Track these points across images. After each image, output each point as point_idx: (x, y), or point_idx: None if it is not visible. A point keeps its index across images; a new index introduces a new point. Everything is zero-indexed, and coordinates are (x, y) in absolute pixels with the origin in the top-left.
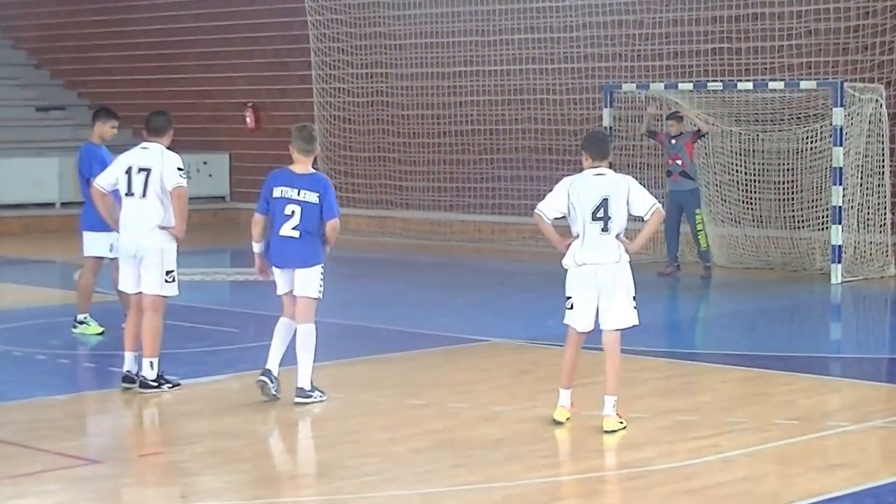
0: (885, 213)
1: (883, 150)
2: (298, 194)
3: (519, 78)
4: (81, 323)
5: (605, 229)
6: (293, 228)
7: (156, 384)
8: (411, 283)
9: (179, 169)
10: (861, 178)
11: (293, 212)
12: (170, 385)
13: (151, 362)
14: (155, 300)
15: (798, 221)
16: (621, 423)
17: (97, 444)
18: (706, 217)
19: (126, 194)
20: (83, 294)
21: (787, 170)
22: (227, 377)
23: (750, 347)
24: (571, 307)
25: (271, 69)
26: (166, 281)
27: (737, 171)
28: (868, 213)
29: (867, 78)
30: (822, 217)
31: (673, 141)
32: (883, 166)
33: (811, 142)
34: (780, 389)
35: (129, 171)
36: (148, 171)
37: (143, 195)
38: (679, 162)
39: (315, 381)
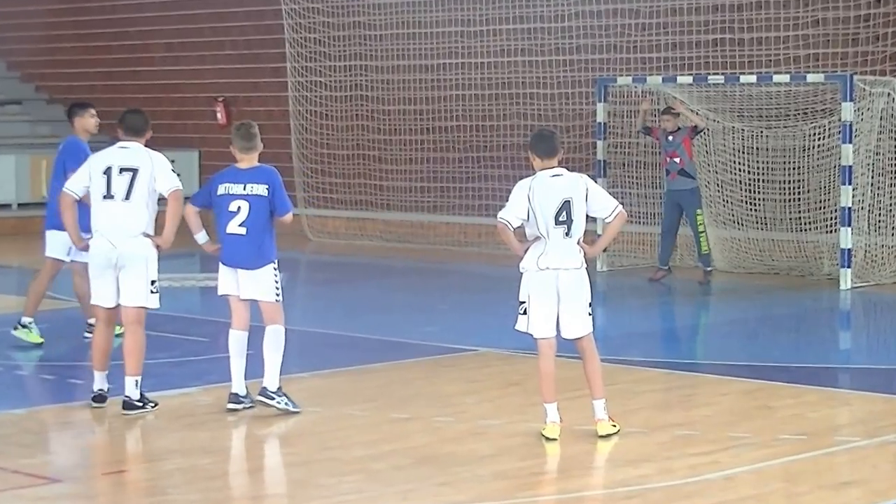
0: None
1: (895, 147)
2: (245, 188)
3: (507, 71)
4: (24, 327)
5: (567, 233)
6: (240, 225)
7: (140, 405)
8: (392, 289)
9: (172, 170)
10: (872, 177)
11: (239, 208)
12: (153, 405)
13: (136, 381)
14: (139, 312)
15: (805, 223)
16: (615, 426)
17: (57, 461)
18: (708, 219)
19: (104, 197)
20: (34, 296)
21: (793, 169)
22: (196, 390)
23: (753, 357)
24: (525, 312)
25: (243, 61)
26: (151, 292)
27: (739, 170)
28: (879, 215)
29: (878, 70)
30: (831, 219)
31: (670, 137)
32: (895, 165)
33: (818, 139)
34: (785, 402)
35: (108, 172)
36: (134, 171)
37: (127, 198)
38: (677, 160)
39: (290, 393)
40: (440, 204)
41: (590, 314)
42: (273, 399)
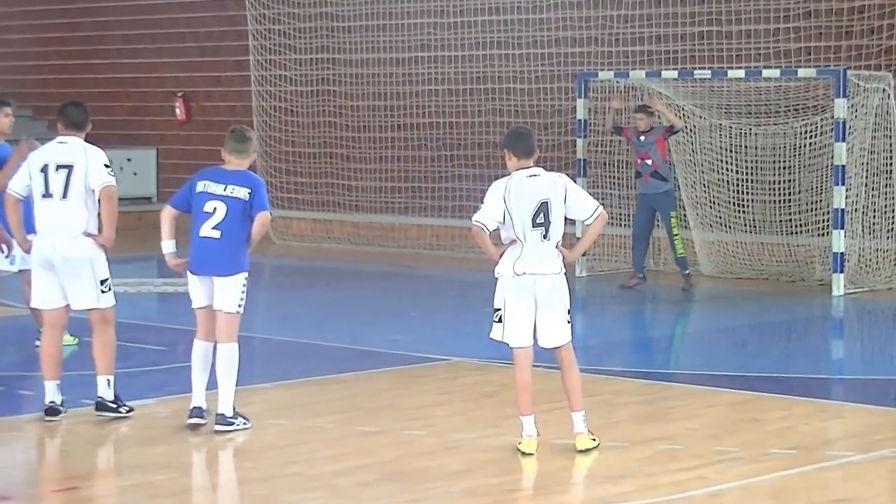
0: (892, 217)
1: (891, 145)
2: (225, 189)
3: (482, 64)
4: None
5: (545, 236)
6: (214, 228)
7: (114, 405)
8: (361, 295)
9: (106, 166)
10: (866, 177)
11: (215, 209)
12: (127, 409)
13: (108, 380)
14: (103, 313)
15: (795, 226)
16: (594, 440)
17: (5, 477)
18: (693, 221)
19: (43, 196)
20: None
21: (784, 168)
22: (153, 401)
23: (741, 367)
24: (500, 320)
25: (203, 54)
26: (102, 291)
27: (727, 169)
28: (874, 217)
29: (873, 65)
30: (823, 221)
31: (641, 138)
32: (890, 164)
33: (810, 137)
34: (775, 415)
35: (45, 170)
36: (69, 168)
37: (64, 196)
38: (649, 161)
39: (250, 405)
40: (412, 205)
41: (569, 322)
42: (231, 424)
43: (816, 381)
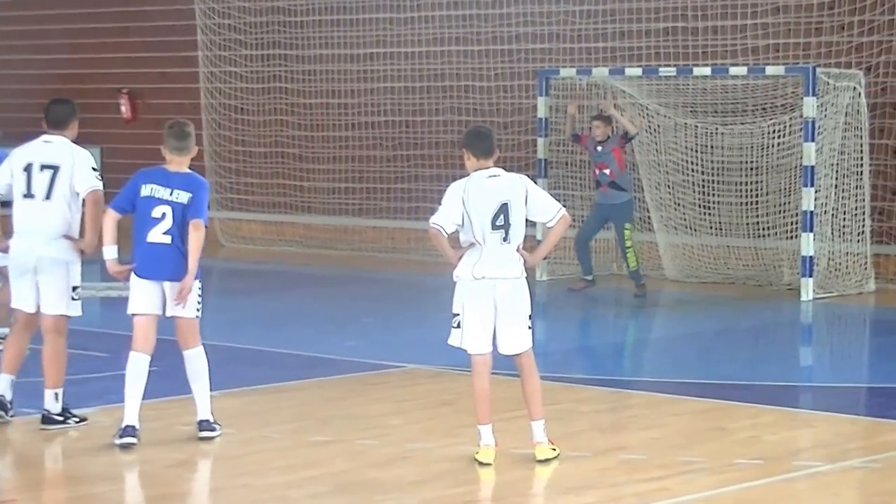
0: (863, 220)
1: (861, 146)
2: (171, 194)
3: (440, 61)
4: None
5: (505, 239)
6: (164, 233)
7: (61, 418)
8: (313, 300)
9: (94, 169)
10: (836, 178)
11: (164, 214)
12: (77, 420)
13: (56, 393)
14: (58, 321)
15: (763, 229)
16: (554, 449)
17: None
18: (657, 224)
19: (24, 196)
20: None
21: (751, 169)
22: (94, 410)
23: (707, 375)
24: (458, 325)
25: (150, 49)
26: (73, 298)
27: (692, 170)
28: (844, 220)
29: (843, 63)
30: (791, 224)
31: (599, 148)
32: (861, 165)
33: (778, 136)
34: (741, 424)
35: (28, 169)
36: (55, 168)
37: (47, 197)
38: (607, 171)
39: (193, 414)
40: (366, 206)
41: (529, 328)
42: (215, 430)
43: (784, 389)
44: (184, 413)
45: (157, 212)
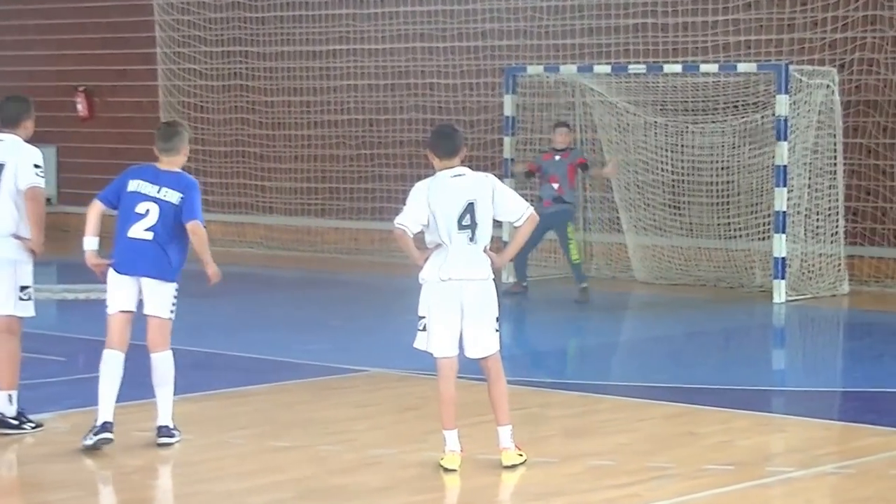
0: (837, 220)
1: (835, 145)
2: (158, 192)
3: (404, 58)
4: None
5: (472, 239)
6: (146, 230)
7: (16, 422)
8: (275, 303)
9: (37, 166)
10: (809, 178)
11: (147, 211)
12: (32, 425)
13: (10, 395)
14: (10, 321)
15: (735, 230)
16: (521, 455)
17: None
18: (626, 224)
19: None
20: None
21: (722, 168)
22: (51, 416)
23: (677, 379)
24: (424, 328)
25: (107, 46)
26: (20, 299)
27: (662, 169)
28: (817, 221)
29: (816, 60)
30: (764, 224)
31: (557, 157)
32: (835, 164)
33: (750, 135)
34: (712, 429)
35: None
36: (1, 166)
37: None
38: (556, 186)
39: (156, 419)
40: (329, 207)
41: (497, 331)
42: (174, 437)
43: (756, 393)
44: (143, 419)
45: (141, 208)
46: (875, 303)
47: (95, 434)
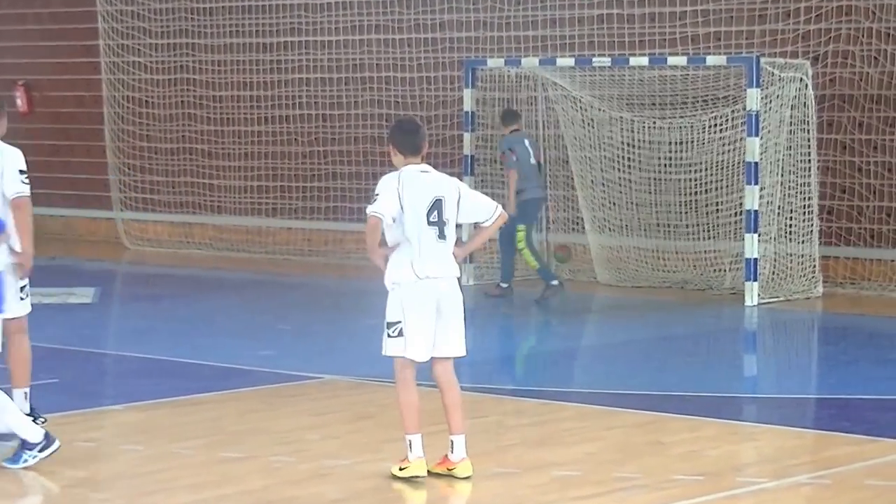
0: (810, 220)
1: (809, 140)
2: None
3: (359, 51)
4: None
5: (441, 236)
6: None
7: (32, 417)
8: (224, 306)
9: (22, 172)
10: (782, 175)
11: None
12: (43, 420)
13: (26, 393)
14: (20, 322)
15: (704, 229)
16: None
17: None
18: (589, 224)
19: None
20: None
21: (691, 165)
22: None
23: (644, 386)
24: (399, 333)
25: (47, 38)
26: (21, 298)
27: (628, 167)
28: (790, 220)
29: (789, 52)
30: (734, 224)
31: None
32: (808, 161)
33: (720, 131)
34: (680, 437)
35: None
36: None
37: None
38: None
39: (100, 429)
40: (280, 206)
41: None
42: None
43: (726, 401)
44: (89, 428)
45: None
46: (850, 305)
47: (46, 447)
